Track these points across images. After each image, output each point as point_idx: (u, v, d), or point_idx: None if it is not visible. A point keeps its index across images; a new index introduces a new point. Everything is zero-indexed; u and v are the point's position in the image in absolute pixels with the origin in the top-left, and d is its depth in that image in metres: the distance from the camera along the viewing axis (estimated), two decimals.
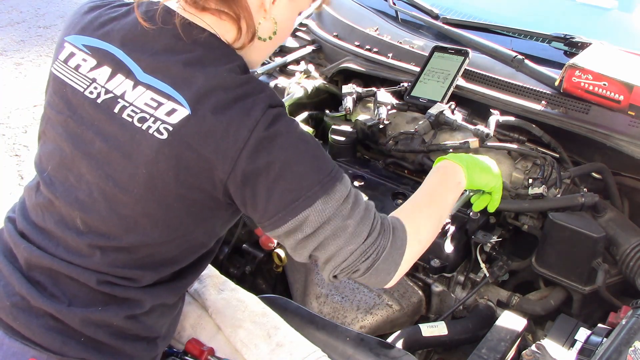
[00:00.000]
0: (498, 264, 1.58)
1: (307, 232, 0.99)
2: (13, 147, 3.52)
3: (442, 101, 1.72)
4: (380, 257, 1.02)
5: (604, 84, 1.49)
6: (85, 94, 1.04)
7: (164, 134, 0.96)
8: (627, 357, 1.11)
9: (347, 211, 1.00)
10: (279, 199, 0.96)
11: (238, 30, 1.05)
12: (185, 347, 1.24)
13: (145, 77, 1.00)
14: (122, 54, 1.03)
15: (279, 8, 1.08)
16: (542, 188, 1.50)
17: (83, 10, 1.13)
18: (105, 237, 1.03)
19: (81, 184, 1.04)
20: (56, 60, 1.11)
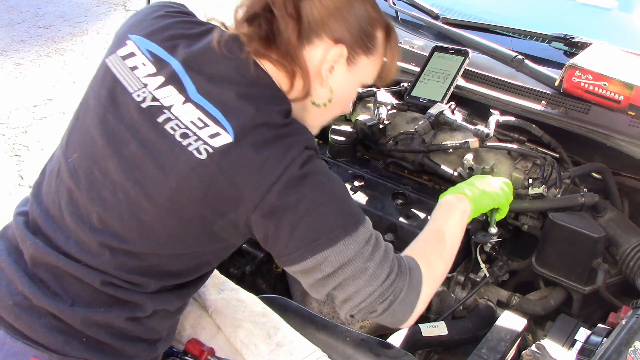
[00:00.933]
0: (498, 264, 1.58)
1: (326, 272, 1.01)
2: (13, 147, 3.52)
3: (442, 101, 1.72)
4: (398, 299, 1.04)
5: (604, 84, 1.49)
6: (133, 95, 1.05)
7: (203, 154, 0.98)
8: (627, 357, 1.11)
9: (368, 253, 1.02)
10: (301, 236, 0.98)
11: (291, 85, 1.08)
12: (185, 347, 1.24)
13: (198, 97, 1.02)
14: (181, 69, 1.05)
15: (336, 77, 1.11)
16: (542, 188, 1.50)
17: (156, 14, 1.15)
18: (118, 238, 1.03)
19: (106, 181, 1.04)
20: (113, 54, 1.11)
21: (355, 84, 1.17)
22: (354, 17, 1.08)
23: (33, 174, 3.27)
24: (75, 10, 5.20)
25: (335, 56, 1.09)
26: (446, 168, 1.66)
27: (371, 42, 1.12)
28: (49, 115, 3.83)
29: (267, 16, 1.06)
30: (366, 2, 1.11)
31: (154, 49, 1.09)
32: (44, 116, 3.82)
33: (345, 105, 1.20)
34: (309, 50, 1.08)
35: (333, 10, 1.07)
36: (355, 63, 1.12)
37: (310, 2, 1.06)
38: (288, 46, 1.06)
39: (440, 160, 1.69)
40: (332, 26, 1.07)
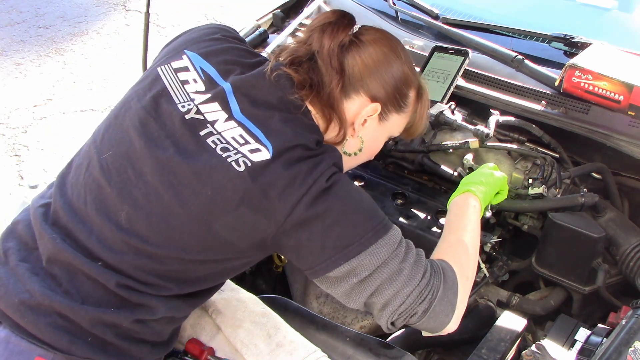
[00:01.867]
0: (498, 264, 1.58)
1: (362, 276, 1.03)
2: (13, 147, 3.52)
3: (442, 101, 1.72)
4: (436, 298, 1.05)
5: (604, 84, 1.49)
6: (178, 106, 1.10)
7: (242, 167, 1.02)
8: (627, 357, 1.11)
9: (402, 255, 1.05)
10: (333, 243, 1.02)
11: (326, 129, 1.15)
12: (185, 347, 1.24)
13: (241, 116, 1.08)
14: (229, 89, 1.10)
15: (367, 130, 1.19)
16: (542, 188, 1.50)
17: (215, 36, 1.21)
18: (144, 240, 1.04)
19: (139, 182, 1.06)
20: (167, 64, 1.16)
21: (384, 137, 1.26)
22: (391, 77, 1.16)
23: (33, 174, 3.28)
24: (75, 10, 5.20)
25: (369, 112, 1.16)
26: (446, 168, 1.66)
27: (404, 101, 1.20)
28: (49, 115, 3.83)
29: (310, 64, 1.14)
30: (404, 64, 1.18)
31: (208, 69, 1.15)
32: (44, 116, 3.82)
33: (372, 154, 1.28)
34: (347, 103, 1.16)
35: (372, 69, 1.14)
36: (386, 119, 1.20)
37: (353, 59, 1.14)
38: (331, 98, 1.13)
39: (440, 160, 1.69)
40: (370, 84, 1.15)
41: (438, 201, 1.65)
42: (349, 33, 1.16)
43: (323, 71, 1.13)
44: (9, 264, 1.09)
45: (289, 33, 2.11)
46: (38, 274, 1.06)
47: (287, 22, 2.22)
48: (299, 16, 2.18)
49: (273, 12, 2.27)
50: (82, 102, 3.98)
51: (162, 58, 1.20)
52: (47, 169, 3.35)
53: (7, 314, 1.04)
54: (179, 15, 5.06)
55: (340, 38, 1.14)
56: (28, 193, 1.70)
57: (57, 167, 3.35)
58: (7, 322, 1.04)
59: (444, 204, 1.64)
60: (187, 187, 1.04)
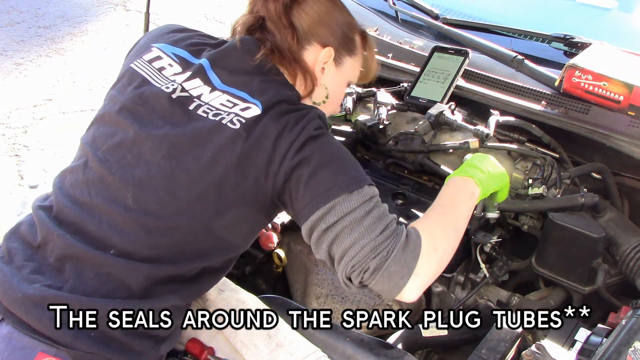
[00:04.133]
0: (498, 264, 1.58)
1: (329, 222, 1.06)
2: (13, 147, 3.53)
3: (442, 101, 1.72)
4: (391, 257, 1.03)
5: (604, 84, 1.49)
6: (162, 88, 1.16)
7: (237, 125, 1.09)
8: (627, 357, 1.11)
9: (368, 209, 1.07)
10: (316, 186, 1.07)
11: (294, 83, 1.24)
12: (185, 347, 1.24)
13: (223, 86, 1.16)
14: (207, 64, 1.19)
15: (328, 77, 1.28)
16: (542, 188, 1.50)
17: (173, 29, 1.31)
18: (154, 216, 1.08)
19: (140, 163, 1.10)
20: (139, 59, 1.23)
21: (344, 82, 1.34)
22: (336, 23, 1.26)
23: (33, 174, 3.28)
24: (75, 10, 5.20)
25: (325, 57, 1.25)
26: (446, 168, 1.66)
27: (352, 44, 1.30)
28: (49, 115, 3.83)
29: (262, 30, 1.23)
30: (342, 10, 1.28)
31: (179, 52, 1.23)
32: (44, 116, 3.82)
33: (337, 102, 1.37)
34: (305, 55, 1.25)
35: (318, 19, 1.24)
36: (341, 63, 1.29)
37: (298, 15, 1.22)
38: (291, 52, 1.22)
39: (440, 161, 1.69)
40: (320, 32, 1.24)
41: None
42: None
43: (276, 32, 1.22)
44: (14, 262, 1.09)
45: None
46: (44, 273, 1.07)
47: None
48: None
49: None
50: (82, 102, 3.98)
51: (131, 58, 1.27)
52: (47, 169, 3.35)
53: (11, 309, 1.04)
54: (179, 15, 5.06)
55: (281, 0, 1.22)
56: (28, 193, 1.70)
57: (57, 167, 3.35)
58: (10, 318, 1.04)
59: None
60: (187, 154, 1.09)
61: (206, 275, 1.17)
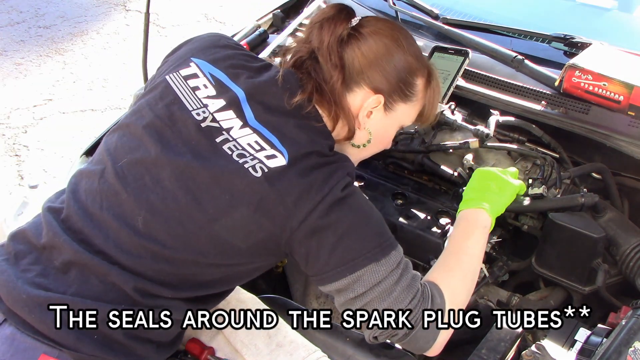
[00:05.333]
0: (498, 264, 1.58)
1: (358, 292, 1.05)
2: (13, 147, 3.52)
3: (442, 101, 1.71)
4: (418, 325, 1.06)
5: (604, 84, 1.49)
6: (192, 113, 1.12)
7: (259, 172, 1.04)
8: (627, 357, 1.11)
9: (397, 277, 1.06)
10: (342, 254, 1.04)
11: (334, 127, 1.17)
12: (186, 346, 1.24)
13: (256, 123, 1.10)
14: (243, 96, 1.12)
15: (374, 122, 1.19)
16: (542, 188, 1.50)
17: (219, 43, 1.23)
18: (161, 244, 1.05)
19: (156, 187, 1.07)
20: (176, 72, 1.18)
21: (394, 127, 1.25)
22: (393, 67, 1.16)
23: (33, 174, 3.28)
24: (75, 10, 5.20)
25: (372, 104, 1.17)
26: (446, 168, 1.66)
27: (410, 90, 1.19)
28: (49, 115, 3.83)
29: (312, 63, 1.15)
30: (407, 53, 1.17)
31: (217, 74, 1.16)
32: (44, 116, 3.82)
33: (384, 143, 1.29)
34: (350, 97, 1.16)
35: (373, 61, 1.14)
36: (392, 109, 1.20)
37: (352, 52, 1.14)
38: (333, 93, 1.14)
39: (440, 161, 1.69)
40: (372, 76, 1.15)
41: (438, 201, 1.65)
42: (347, 26, 1.16)
43: (324, 68, 1.13)
44: (19, 265, 1.09)
45: (289, 33, 2.11)
46: (48, 276, 1.06)
47: (287, 22, 2.22)
48: (299, 16, 2.18)
49: (273, 12, 2.26)
50: (82, 102, 3.98)
51: (169, 67, 1.21)
52: (47, 169, 3.35)
53: (14, 310, 1.04)
54: (179, 15, 5.06)
55: (338, 32, 1.14)
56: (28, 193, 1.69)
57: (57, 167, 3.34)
58: (12, 319, 1.04)
59: (444, 204, 1.64)
60: (205, 191, 1.05)
61: (211, 298, 1.18)
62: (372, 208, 1.11)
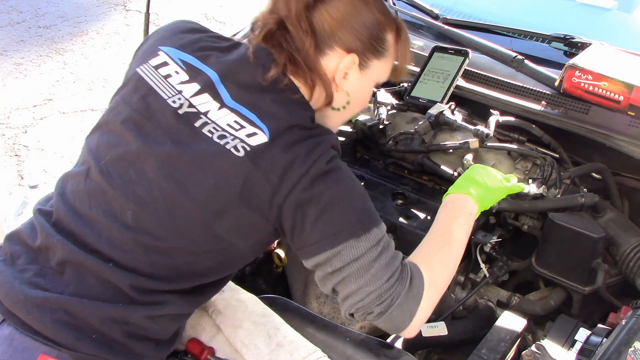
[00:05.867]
0: (498, 264, 1.58)
1: (335, 267, 1.05)
2: (13, 147, 3.52)
3: (442, 101, 1.72)
4: (395, 304, 1.06)
5: (604, 84, 1.49)
6: (168, 101, 1.11)
7: (241, 151, 1.03)
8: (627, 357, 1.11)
9: (375, 254, 1.05)
10: (323, 228, 1.04)
11: (311, 95, 1.15)
12: (186, 347, 1.24)
13: (233, 103, 1.09)
14: (216, 78, 1.11)
15: (351, 82, 1.18)
16: (542, 188, 1.50)
17: (184, 29, 1.22)
18: (152, 235, 1.06)
19: (141, 180, 1.07)
20: (146, 64, 1.17)
21: (370, 84, 1.23)
22: (363, 25, 1.14)
23: (33, 174, 3.28)
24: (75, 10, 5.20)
25: (347, 65, 1.15)
26: (446, 168, 1.66)
27: (381, 45, 1.18)
28: (49, 115, 3.83)
29: (282, 33, 1.13)
30: (374, 9, 1.15)
31: (186, 58, 1.15)
32: (44, 116, 3.82)
33: (362, 104, 1.27)
34: (324, 61, 1.15)
35: (342, 22, 1.13)
36: (367, 67, 1.18)
37: (321, 16, 1.12)
38: (308, 60, 1.12)
39: (440, 161, 1.69)
40: (343, 37, 1.13)
41: (438, 201, 1.64)
42: None
43: (295, 36, 1.12)
44: (16, 265, 1.09)
45: None
46: (45, 276, 1.06)
47: None
48: None
49: None
50: (82, 102, 3.98)
51: (138, 60, 1.20)
52: (47, 169, 3.35)
53: (12, 311, 1.04)
54: (179, 15, 5.06)
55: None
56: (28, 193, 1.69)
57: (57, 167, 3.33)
58: (11, 319, 1.04)
59: None
60: (189, 178, 1.05)
61: (208, 287, 1.17)
62: (356, 183, 1.10)
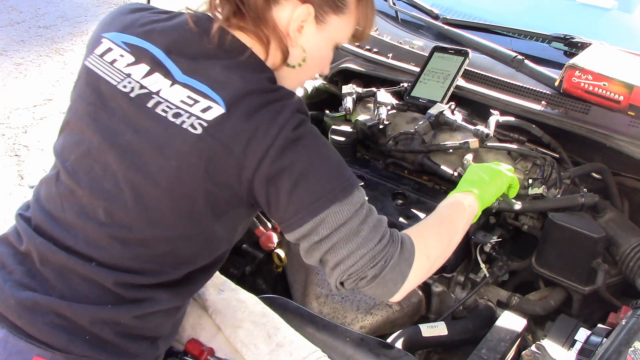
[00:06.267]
0: (498, 264, 1.58)
1: (322, 235, 1.00)
2: (13, 147, 3.53)
3: (442, 101, 1.72)
4: (388, 265, 1.02)
5: (604, 84, 1.49)
6: (119, 87, 1.07)
7: (198, 129, 0.99)
8: (627, 357, 1.11)
9: (363, 216, 1.02)
10: (301, 198, 0.99)
11: (267, 53, 1.09)
12: (185, 347, 1.24)
13: (184, 77, 1.04)
14: (162, 54, 1.06)
15: (307, 37, 1.11)
16: (542, 188, 1.50)
17: (125, 11, 1.17)
18: (127, 228, 1.04)
19: (107, 175, 1.05)
20: (91, 55, 1.13)
21: (329, 43, 1.16)
22: None
23: (33, 174, 3.28)
24: (75, 10, 5.20)
25: (302, 15, 1.08)
26: (446, 168, 1.66)
27: (341, 1, 1.11)
28: (49, 115, 3.83)
29: None
30: None
31: (129, 39, 1.10)
32: (44, 116, 3.82)
33: (321, 65, 1.20)
34: (277, 12, 1.07)
35: None
36: (325, 22, 1.11)
37: None
38: (256, 10, 1.05)
39: (440, 161, 1.69)
40: None
41: (438, 201, 1.63)
42: None
43: None
44: (5, 267, 1.09)
45: None
46: (34, 277, 1.06)
47: None
48: None
49: None
50: None
51: (86, 53, 1.17)
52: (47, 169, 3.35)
53: (4, 314, 1.04)
54: None
55: None
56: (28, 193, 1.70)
57: None
58: (4, 322, 1.04)
59: None
60: (152, 164, 1.02)
61: (197, 275, 1.15)
62: (328, 147, 1.04)
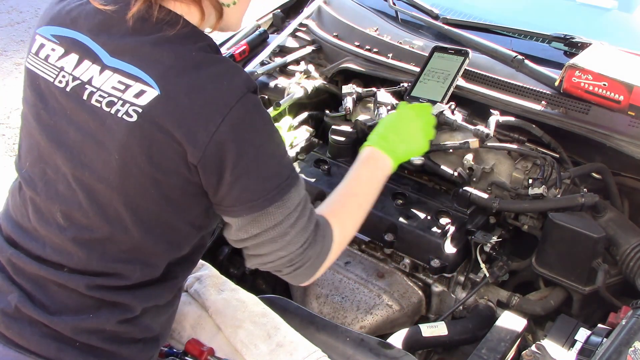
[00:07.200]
0: (498, 264, 1.58)
1: (252, 233, 1.02)
2: (13, 147, 3.53)
3: (442, 101, 1.71)
4: (304, 266, 1.06)
5: (604, 84, 1.49)
6: (55, 83, 1.02)
7: (134, 116, 0.94)
8: (627, 357, 1.11)
9: (293, 220, 1.03)
10: (239, 194, 0.99)
11: (202, 14, 1.02)
12: (185, 347, 1.24)
13: (112, 60, 0.98)
14: (88, 39, 1.01)
15: None
16: (542, 188, 1.50)
17: (54, 2, 1.11)
18: (87, 229, 1.02)
19: (59, 177, 1.03)
20: (29, 55, 1.09)
21: None
22: None
23: None
24: None
25: None
26: (446, 168, 1.66)
27: None
28: None
29: None
30: None
31: (58, 31, 1.05)
32: None
33: None
34: None
35: None
36: None
37: None
38: None
39: (440, 161, 1.69)
40: None
41: (438, 201, 1.65)
42: None
43: None
44: None
45: (289, 33, 2.11)
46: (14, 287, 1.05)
47: (287, 22, 2.22)
48: (299, 16, 2.18)
49: (273, 12, 2.27)
50: None
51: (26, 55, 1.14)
52: None
53: None
54: None
55: None
56: None
57: None
58: None
59: (444, 204, 1.64)
60: (97, 160, 0.98)
61: (178, 267, 1.12)
62: (273, 140, 1.01)
